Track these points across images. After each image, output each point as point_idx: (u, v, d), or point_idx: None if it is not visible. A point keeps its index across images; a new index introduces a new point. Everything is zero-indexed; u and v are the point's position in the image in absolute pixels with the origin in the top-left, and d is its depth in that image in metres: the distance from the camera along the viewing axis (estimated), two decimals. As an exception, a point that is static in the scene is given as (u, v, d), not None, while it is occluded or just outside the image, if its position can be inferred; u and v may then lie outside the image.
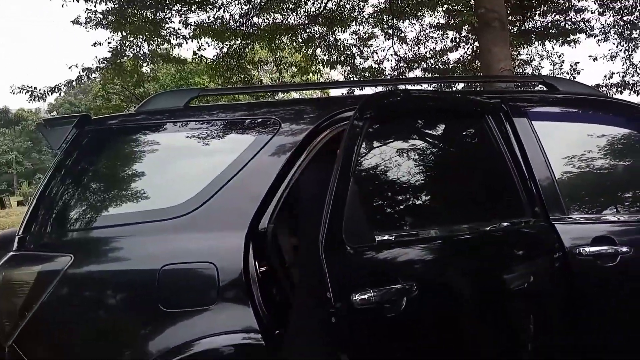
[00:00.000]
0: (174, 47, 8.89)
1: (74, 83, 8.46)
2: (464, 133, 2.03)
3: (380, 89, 1.95)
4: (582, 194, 2.19)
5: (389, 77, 9.70)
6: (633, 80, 9.55)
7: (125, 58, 8.56)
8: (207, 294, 1.65)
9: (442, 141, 2.03)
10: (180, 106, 2.03)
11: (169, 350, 1.60)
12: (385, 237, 1.61)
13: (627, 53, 9.59)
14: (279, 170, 1.78)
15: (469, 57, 9.92)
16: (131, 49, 8.36)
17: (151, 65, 10.13)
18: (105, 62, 8.42)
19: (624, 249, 1.88)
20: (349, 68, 10.11)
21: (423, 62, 10.25)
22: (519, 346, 1.77)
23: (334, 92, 10.07)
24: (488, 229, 1.84)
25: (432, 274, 1.62)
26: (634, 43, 9.44)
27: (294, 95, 12.04)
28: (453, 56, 10.28)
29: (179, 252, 1.70)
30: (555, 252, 1.84)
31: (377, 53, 10.37)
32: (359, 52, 10.19)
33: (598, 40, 9.55)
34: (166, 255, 1.68)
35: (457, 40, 9.78)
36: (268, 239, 1.74)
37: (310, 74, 10.64)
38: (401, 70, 10.20)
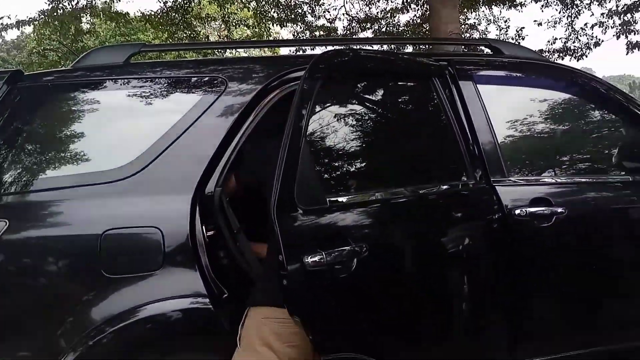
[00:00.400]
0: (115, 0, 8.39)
1: (2, 33, 7.85)
2: (412, 95, 2.04)
3: (330, 48, 1.90)
4: (523, 157, 2.27)
5: (339, 37, 9.59)
6: (574, 46, 9.88)
7: (62, 11, 7.98)
8: (152, 259, 1.61)
9: (391, 103, 2.03)
10: (120, 62, 1.93)
11: (113, 316, 1.57)
12: (337, 199, 1.61)
13: (569, 19, 9.88)
14: (226, 131, 1.74)
15: (419, 20, 9.99)
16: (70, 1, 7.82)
17: (90, 18, 9.53)
18: (41, 14, 7.84)
19: (559, 209, 1.98)
20: (300, 27, 9.92)
21: (375, 23, 10.20)
22: (463, 302, 1.84)
23: (284, 52, 9.85)
24: (433, 190, 1.88)
25: (382, 236, 1.64)
26: (576, 9, 9.72)
27: (242, 53, 11.70)
28: (403, 19, 10.29)
29: (121, 216, 1.64)
30: (495, 212, 1.92)
31: (329, 12, 10.23)
32: (310, 11, 9.98)
33: (542, 5, 9.77)
34: (108, 220, 1.62)
35: (408, 0, 9.74)
36: (215, 202, 1.71)
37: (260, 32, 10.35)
38: (353, 30, 10.12)
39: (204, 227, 1.66)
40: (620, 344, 2.18)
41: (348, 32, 10.07)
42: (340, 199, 1.63)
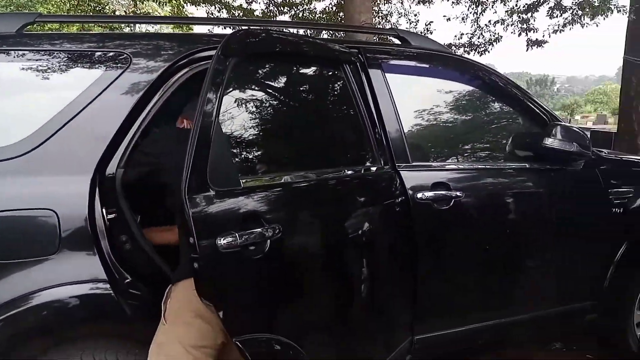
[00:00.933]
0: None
1: None
2: (323, 80, 2.07)
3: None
4: (426, 144, 2.40)
5: (253, 18, 9.44)
6: (478, 41, 10.49)
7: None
8: (47, 243, 1.52)
9: (302, 87, 2.05)
10: (12, 32, 1.77)
11: (3, 303, 1.47)
12: (250, 181, 1.60)
13: (475, 16, 10.45)
14: (130, 110, 1.66)
15: (334, 9, 10.13)
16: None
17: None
18: None
19: (457, 193, 2.12)
20: (216, 8, 9.62)
21: (292, 8, 10.16)
22: (369, 282, 1.91)
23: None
24: (341, 174, 1.93)
25: (293, 218, 1.66)
26: (482, 7, 10.31)
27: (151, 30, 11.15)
28: (320, 6, 10.36)
29: (12, 198, 1.52)
30: (399, 196, 2.01)
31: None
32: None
33: (452, 2, 10.25)
34: (-3, 200, 1.50)
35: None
36: (117, 184, 1.63)
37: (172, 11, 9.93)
38: (271, 14, 10.01)
39: (104, 209, 1.59)
40: (509, 318, 2.39)
41: (265, 15, 9.95)
42: (253, 181, 1.62)
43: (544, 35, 9.35)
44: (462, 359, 2.56)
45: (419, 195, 2.05)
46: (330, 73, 2.05)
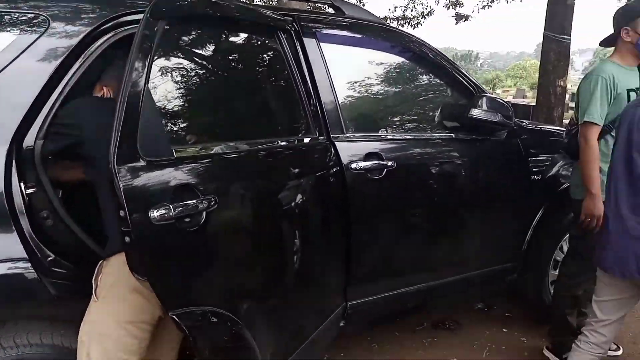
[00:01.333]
0: None
1: None
2: (257, 48, 2.02)
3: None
4: (360, 115, 2.43)
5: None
6: (411, 14, 10.65)
7: None
8: (-43, 221, 1.41)
9: (237, 53, 1.99)
10: None
11: None
12: (183, 151, 1.54)
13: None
14: (48, 78, 1.55)
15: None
16: None
17: None
18: None
19: (389, 163, 2.18)
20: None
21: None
22: (304, 250, 1.91)
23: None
24: (276, 144, 1.91)
25: (228, 189, 1.62)
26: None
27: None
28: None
29: None
30: (333, 166, 2.04)
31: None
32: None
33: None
34: None
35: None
36: (36, 157, 1.53)
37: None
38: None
39: (22, 184, 1.48)
40: (436, 281, 2.52)
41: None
42: (186, 151, 1.57)
43: (473, 11, 9.64)
44: (392, 321, 2.67)
45: (354, 165, 2.08)
46: (265, 40, 2.00)
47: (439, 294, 2.59)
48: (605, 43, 2.53)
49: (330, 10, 2.51)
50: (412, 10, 10.69)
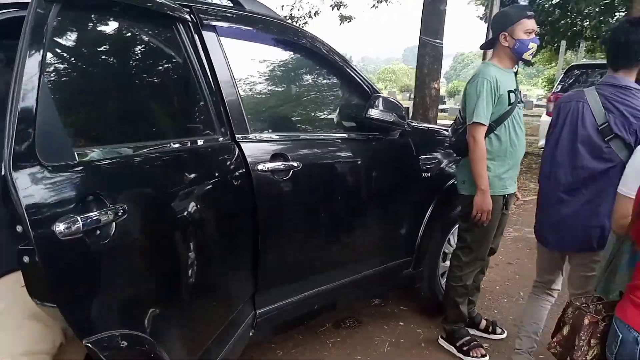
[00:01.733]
0: None
1: None
2: (155, 39, 1.81)
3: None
4: (264, 114, 2.34)
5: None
6: (299, 13, 10.74)
7: None
8: None
9: (133, 46, 1.75)
10: None
11: None
12: (86, 154, 1.33)
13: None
14: None
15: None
16: None
17: None
18: None
19: (295, 163, 2.12)
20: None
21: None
22: (212, 257, 1.78)
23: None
24: (180, 145, 1.75)
25: (133, 196, 1.43)
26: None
27: None
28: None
29: None
30: (238, 168, 1.92)
31: None
32: None
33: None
34: None
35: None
36: None
37: None
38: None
39: None
40: (339, 281, 2.52)
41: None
42: (87, 154, 1.34)
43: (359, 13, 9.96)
44: (299, 325, 2.63)
45: (260, 166, 1.99)
46: (162, 31, 1.80)
47: (342, 294, 2.60)
48: (485, 46, 2.73)
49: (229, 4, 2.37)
50: (299, 10, 10.79)
